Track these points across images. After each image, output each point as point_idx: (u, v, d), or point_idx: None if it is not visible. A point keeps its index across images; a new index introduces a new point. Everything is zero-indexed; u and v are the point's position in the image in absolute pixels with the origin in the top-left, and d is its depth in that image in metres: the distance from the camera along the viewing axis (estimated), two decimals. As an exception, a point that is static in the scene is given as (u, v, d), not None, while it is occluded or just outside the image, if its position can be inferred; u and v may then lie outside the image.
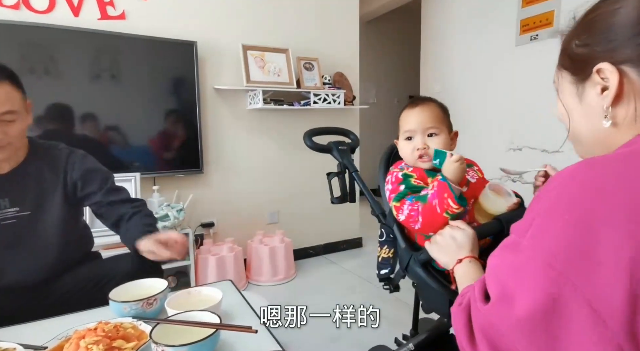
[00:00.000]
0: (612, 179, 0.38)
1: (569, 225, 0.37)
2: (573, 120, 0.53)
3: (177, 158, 2.24)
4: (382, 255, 1.02)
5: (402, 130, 0.94)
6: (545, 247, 0.39)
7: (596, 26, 0.48)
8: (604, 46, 0.47)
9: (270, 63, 2.41)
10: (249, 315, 0.92)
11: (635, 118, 0.46)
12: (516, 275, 0.41)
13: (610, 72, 0.46)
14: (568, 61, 0.52)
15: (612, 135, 0.48)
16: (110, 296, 0.85)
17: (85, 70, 1.97)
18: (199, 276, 2.19)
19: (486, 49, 3.04)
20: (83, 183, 1.15)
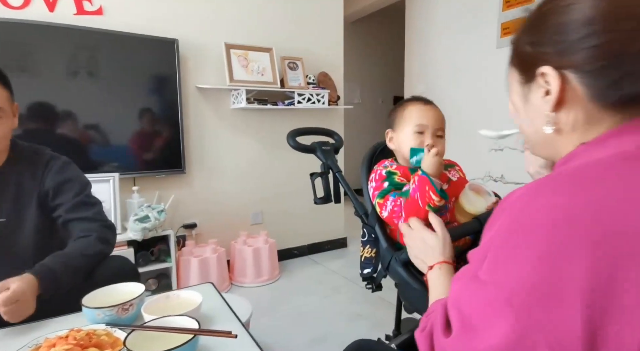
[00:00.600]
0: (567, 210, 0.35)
1: (525, 261, 0.35)
2: (520, 120, 0.52)
3: (159, 158, 2.19)
4: (365, 254, 1.03)
5: (413, 123, 0.91)
6: (502, 285, 0.37)
7: (544, 24, 0.45)
8: (549, 48, 0.44)
9: (253, 62, 2.38)
10: (230, 319, 0.90)
11: (577, 124, 0.44)
12: (477, 311, 0.39)
13: (552, 77, 0.44)
14: (516, 59, 0.50)
15: (556, 140, 0.47)
16: (83, 302, 0.81)
17: (62, 68, 1.91)
18: (181, 278, 2.14)
19: (469, 50, 3.09)
20: (55, 193, 1.09)
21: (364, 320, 1.88)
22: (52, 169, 1.10)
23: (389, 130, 0.99)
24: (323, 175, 1.18)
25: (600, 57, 0.40)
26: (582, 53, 0.41)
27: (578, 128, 0.44)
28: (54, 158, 1.12)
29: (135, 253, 1.97)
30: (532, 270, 0.35)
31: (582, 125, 0.44)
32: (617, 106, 0.41)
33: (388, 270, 0.94)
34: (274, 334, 1.78)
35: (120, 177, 2.00)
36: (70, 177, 1.12)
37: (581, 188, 0.36)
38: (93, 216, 1.11)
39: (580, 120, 0.44)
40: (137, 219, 1.89)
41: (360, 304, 2.05)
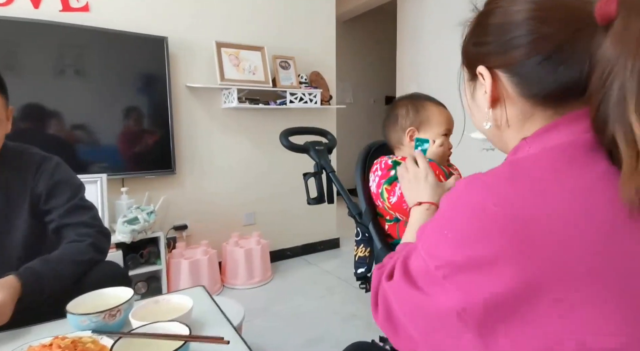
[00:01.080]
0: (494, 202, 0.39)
1: (449, 245, 0.41)
2: (472, 116, 0.56)
3: (148, 158, 2.15)
4: (359, 254, 1.01)
5: (442, 127, 0.95)
6: (432, 256, 0.42)
7: (482, 25, 0.48)
8: (484, 48, 0.47)
9: (245, 61, 2.35)
10: (222, 323, 0.87)
11: (513, 119, 0.48)
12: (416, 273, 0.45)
13: (486, 76, 0.47)
14: (464, 58, 0.53)
15: (499, 135, 0.51)
16: (68, 308, 0.78)
17: (48, 66, 1.86)
18: (171, 281, 2.10)
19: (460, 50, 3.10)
20: (47, 196, 1.04)
21: (358, 321, 1.87)
22: (45, 171, 1.05)
23: (413, 129, 0.96)
24: (316, 175, 1.17)
25: (524, 57, 0.43)
26: (509, 54, 0.44)
27: (514, 124, 0.48)
28: (46, 160, 1.08)
29: (124, 256, 1.92)
30: (452, 254, 0.40)
31: (518, 121, 0.47)
32: (546, 102, 0.45)
33: None
34: (268, 336, 1.75)
35: (108, 177, 1.95)
36: (63, 179, 1.08)
37: (510, 182, 0.40)
38: (88, 221, 1.07)
39: (514, 116, 0.47)
40: (125, 221, 1.85)
41: (354, 304, 2.03)
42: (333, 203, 1.21)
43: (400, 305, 0.47)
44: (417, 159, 0.80)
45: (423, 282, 0.44)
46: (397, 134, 0.98)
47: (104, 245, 1.09)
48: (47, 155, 1.10)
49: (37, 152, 1.09)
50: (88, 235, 1.04)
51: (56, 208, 1.04)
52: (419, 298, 0.44)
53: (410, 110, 0.97)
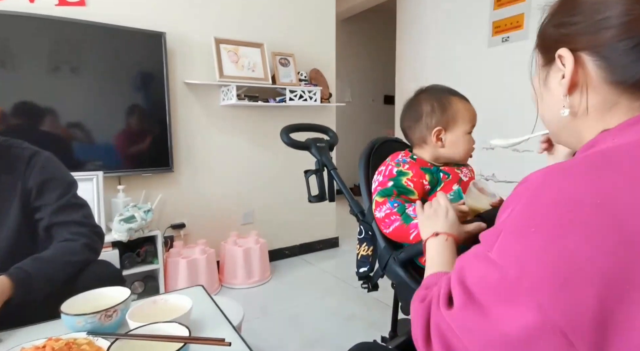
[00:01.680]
0: (588, 192, 0.34)
1: (539, 242, 0.35)
2: (541, 105, 0.52)
3: (145, 156, 2.11)
4: (361, 252, 1.00)
5: (469, 124, 0.92)
6: (513, 265, 0.36)
7: (568, 6, 0.45)
8: (569, 29, 0.44)
9: (244, 57, 2.32)
10: (223, 325, 0.85)
11: (593, 107, 0.44)
12: (485, 288, 0.38)
13: (567, 59, 0.44)
14: (539, 41, 0.49)
15: (574, 125, 0.47)
16: (63, 308, 0.75)
17: (44, 61, 1.82)
18: (169, 280, 2.07)
19: (460, 49, 3.09)
20: (38, 192, 1.00)
21: (358, 321, 1.85)
22: (36, 166, 1.01)
23: (440, 129, 0.92)
24: (318, 173, 1.15)
25: (615, 39, 0.40)
26: (597, 35, 0.41)
27: (594, 112, 0.44)
28: (36, 155, 1.04)
29: (121, 255, 1.89)
30: (542, 251, 0.34)
31: (599, 109, 0.43)
32: (634, 91, 0.41)
33: (385, 269, 0.91)
34: (267, 337, 1.72)
35: (104, 175, 1.92)
36: (54, 175, 1.04)
37: (599, 171, 0.36)
38: (81, 219, 1.03)
39: (596, 103, 0.43)
40: (122, 219, 1.81)
41: (353, 305, 2.01)
42: (334, 201, 1.19)
43: (470, 338, 0.39)
44: (439, 198, 0.76)
45: (494, 297, 0.37)
46: (421, 132, 0.94)
47: (98, 245, 1.05)
48: (37, 149, 1.06)
49: (28, 146, 1.05)
50: (82, 235, 1.00)
51: (47, 206, 1.00)
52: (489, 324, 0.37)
53: (437, 108, 0.92)
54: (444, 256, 0.65)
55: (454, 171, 0.94)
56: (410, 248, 0.85)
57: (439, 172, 0.92)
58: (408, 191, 0.89)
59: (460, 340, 0.40)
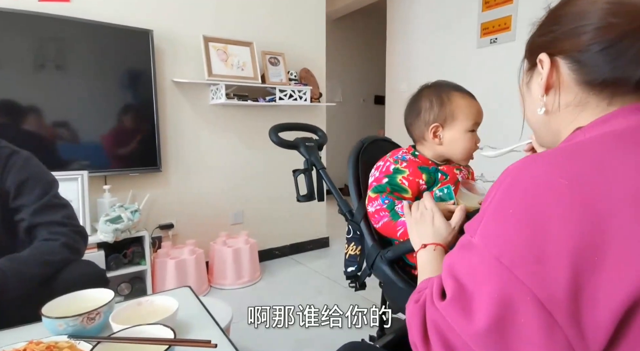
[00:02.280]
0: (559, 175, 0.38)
1: (515, 221, 0.38)
2: (525, 106, 0.57)
3: (132, 155, 2.08)
4: (349, 252, 1.00)
5: (471, 121, 0.87)
6: (493, 244, 0.39)
7: (554, 16, 0.50)
8: (547, 37, 0.50)
9: (233, 56, 2.30)
10: (209, 326, 0.84)
11: (565, 106, 0.49)
12: (471, 274, 0.41)
13: (545, 62, 0.49)
14: (527, 51, 0.55)
15: (549, 121, 0.52)
16: (43, 311, 0.73)
17: (26, 59, 1.77)
18: (157, 282, 2.04)
19: (449, 50, 3.11)
20: (16, 193, 0.98)
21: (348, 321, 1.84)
22: (13, 166, 0.99)
23: (437, 125, 0.88)
24: (306, 172, 1.15)
25: (586, 43, 0.45)
26: (572, 40, 0.46)
27: (567, 110, 0.49)
28: (14, 154, 1.01)
29: (107, 256, 1.86)
30: (519, 229, 0.38)
31: (572, 108, 0.48)
32: (601, 90, 0.46)
33: (373, 268, 0.92)
34: (256, 338, 1.71)
35: (90, 175, 1.88)
36: (33, 174, 1.01)
37: (571, 158, 0.40)
38: (62, 219, 1.01)
39: (568, 102, 0.49)
40: (108, 220, 1.78)
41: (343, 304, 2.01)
42: (323, 200, 1.18)
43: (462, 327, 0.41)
44: (425, 200, 0.76)
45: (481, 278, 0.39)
46: (420, 129, 0.91)
47: (79, 245, 1.03)
48: (16, 149, 1.03)
49: (6, 145, 1.02)
50: (61, 234, 0.98)
51: (26, 206, 0.98)
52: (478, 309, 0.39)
53: (435, 104, 0.89)
54: (434, 265, 0.67)
55: (452, 171, 0.91)
56: (397, 247, 0.85)
57: (437, 172, 0.90)
58: (402, 189, 0.88)
59: (455, 331, 0.40)
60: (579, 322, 0.35)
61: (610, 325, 0.34)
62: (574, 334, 0.35)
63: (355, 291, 1.04)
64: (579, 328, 0.35)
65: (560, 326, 0.35)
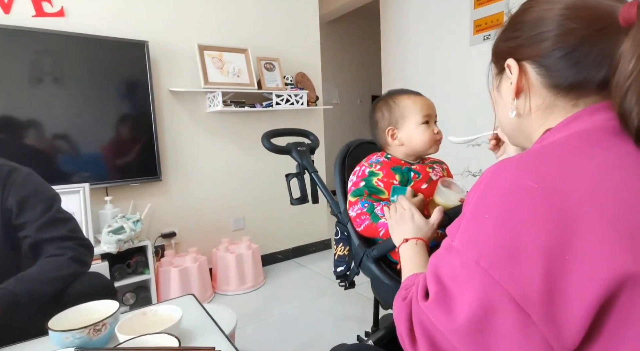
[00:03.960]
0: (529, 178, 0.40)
1: (490, 226, 0.40)
2: (497, 110, 0.59)
3: (132, 166, 2.10)
4: (338, 252, 1.04)
5: (418, 115, 0.94)
6: (471, 248, 0.41)
7: (512, 23, 0.52)
8: (512, 43, 0.51)
9: (229, 63, 2.32)
10: (214, 333, 0.85)
11: (535, 109, 0.51)
12: (452, 276, 0.42)
13: (513, 67, 0.50)
14: (493, 55, 0.57)
15: (521, 124, 0.54)
16: (50, 324, 0.74)
17: (24, 74, 1.79)
18: (161, 290, 2.05)
19: (443, 48, 3.13)
20: (19, 210, 0.98)
21: (352, 321, 1.85)
22: (14, 183, 0.99)
23: (392, 128, 0.97)
24: (298, 176, 1.19)
25: (549, 49, 0.47)
26: (536, 46, 0.48)
27: (536, 113, 0.51)
28: (14, 171, 1.01)
29: (111, 267, 1.87)
30: (494, 233, 0.39)
31: (541, 111, 0.50)
32: (567, 93, 0.48)
33: (360, 267, 0.96)
34: (261, 342, 1.72)
35: (91, 187, 1.90)
36: (34, 191, 1.02)
37: (540, 161, 0.42)
38: (67, 234, 1.02)
39: (537, 105, 0.50)
40: (110, 231, 1.79)
41: (347, 305, 2.02)
42: (317, 202, 1.21)
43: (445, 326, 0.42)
44: (401, 203, 0.82)
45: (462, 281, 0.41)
46: (381, 136, 1.00)
47: (86, 258, 1.04)
48: (15, 166, 1.03)
49: (5, 163, 1.03)
50: (68, 248, 0.99)
51: (30, 223, 0.98)
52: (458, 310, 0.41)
53: (385, 111, 0.98)
54: (417, 258, 0.71)
55: (425, 170, 0.97)
56: (381, 246, 0.89)
57: (410, 172, 0.95)
58: (379, 191, 0.93)
59: (439, 330, 0.42)
60: (555, 319, 0.36)
61: (585, 320, 0.35)
62: (550, 330, 0.36)
63: (345, 290, 1.08)
64: (555, 324, 0.36)
65: (536, 324, 0.36)
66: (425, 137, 0.95)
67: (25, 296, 0.86)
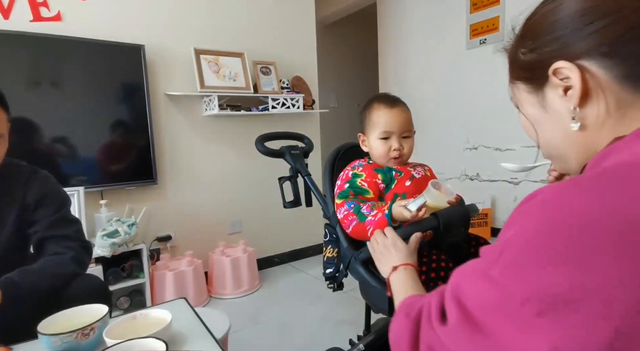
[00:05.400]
0: (597, 209, 0.32)
1: (545, 267, 0.33)
2: (541, 131, 0.48)
3: (128, 169, 2.10)
4: (327, 254, 1.06)
5: (379, 129, 0.96)
6: (519, 288, 0.34)
7: (539, 29, 0.45)
8: (553, 46, 0.43)
9: (225, 67, 2.33)
10: (204, 337, 0.84)
11: (608, 114, 0.41)
12: (485, 310, 0.37)
13: (568, 70, 0.41)
14: (519, 72, 0.48)
15: (586, 139, 0.43)
16: (39, 328, 0.74)
17: (21, 78, 1.80)
18: (156, 294, 2.05)
19: (440, 52, 3.14)
20: (36, 207, 1.05)
21: (348, 326, 1.85)
22: (35, 182, 1.07)
23: (361, 134, 1.01)
24: (291, 179, 1.20)
25: (610, 35, 0.39)
26: (590, 38, 0.40)
27: (609, 118, 0.41)
28: (35, 172, 1.10)
29: (105, 271, 1.86)
30: (553, 279, 0.32)
31: (614, 113, 0.41)
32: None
33: (348, 269, 0.97)
34: (257, 346, 1.71)
35: (86, 190, 1.90)
36: (51, 191, 1.09)
37: (607, 189, 0.33)
38: (72, 234, 1.08)
39: (611, 108, 0.41)
40: (105, 234, 1.79)
41: (343, 309, 2.01)
42: (311, 206, 1.22)
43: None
44: (385, 232, 0.82)
45: (496, 323, 0.35)
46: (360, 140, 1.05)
47: (85, 259, 1.09)
48: (35, 167, 1.12)
49: (25, 164, 1.11)
50: (70, 248, 1.04)
51: (42, 220, 1.05)
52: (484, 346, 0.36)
53: (362, 116, 1.01)
54: (409, 283, 0.69)
55: (406, 169, 0.99)
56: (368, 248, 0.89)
57: (391, 171, 0.98)
58: (363, 190, 0.95)
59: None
60: None
61: None
62: None
63: (334, 292, 1.09)
64: None
65: None
66: (380, 152, 0.96)
67: (26, 287, 0.90)
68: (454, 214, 0.83)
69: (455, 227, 0.83)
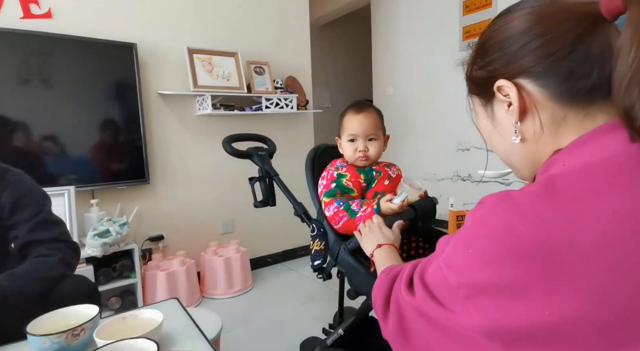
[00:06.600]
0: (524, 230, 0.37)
1: (475, 261, 0.39)
2: (495, 142, 0.53)
3: (120, 168, 2.08)
4: (315, 247, 1.12)
5: (347, 133, 1.07)
6: (453, 276, 0.42)
7: (487, 46, 0.48)
8: (497, 64, 0.47)
9: (218, 67, 2.32)
10: (196, 337, 0.84)
11: (542, 130, 0.45)
12: (436, 286, 0.46)
13: (508, 87, 0.45)
14: (472, 87, 0.53)
15: (527, 151, 0.48)
16: (28, 329, 0.74)
17: (10, 75, 1.77)
18: (147, 294, 2.03)
19: (433, 53, 3.17)
20: (12, 210, 0.99)
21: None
22: (8, 184, 1.01)
23: (337, 137, 1.12)
24: (261, 180, 1.25)
25: (543, 55, 0.43)
26: (527, 57, 0.44)
27: (543, 133, 0.45)
28: (7, 172, 1.03)
29: (96, 271, 1.85)
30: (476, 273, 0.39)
31: (550, 128, 0.45)
32: (576, 102, 0.43)
33: (337, 259, 1.04)
34: (249, 346, 1.71)
35: (77, 189, 1.88)
36: (27, 191, 1.04)
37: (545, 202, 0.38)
38: (57, 236, 1.04)
39: (545, 123, 0.45)
40: (96, 234, 1.78)
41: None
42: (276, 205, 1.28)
43: (420, 318, 0.48)
44: (373, 219, 0.93)
45: (443, 297, 0.44)
46: None
47: (73, 260, 1.06)
48: (8, 167, 1.05)
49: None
50: (57, 250, 1.01)
51: (21, 224, 1.00)
52: (439, 313, 0.45)
53: (338, 122, 1.11)
54: (390, 259, 0.78)
55: (384, 170, 1.10)
56: (356, 239, 0.96)
57: (372, 171, 1.08)
58: (349, 190, 1.05)
59: (415, 320, 0.49)
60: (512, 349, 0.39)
61: None
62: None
63: (324, 281, 1.16)
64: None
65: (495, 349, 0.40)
66: (348, 152, 1.08)
67: (13, 293, 0.88)
68: (426, 205, 0.97)
69: (429, 215, 0.97)
